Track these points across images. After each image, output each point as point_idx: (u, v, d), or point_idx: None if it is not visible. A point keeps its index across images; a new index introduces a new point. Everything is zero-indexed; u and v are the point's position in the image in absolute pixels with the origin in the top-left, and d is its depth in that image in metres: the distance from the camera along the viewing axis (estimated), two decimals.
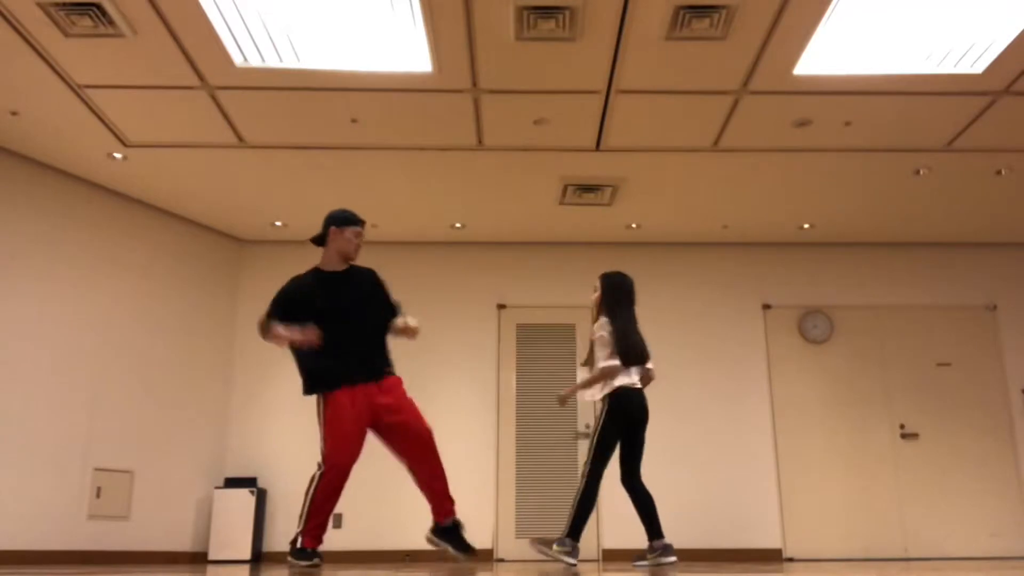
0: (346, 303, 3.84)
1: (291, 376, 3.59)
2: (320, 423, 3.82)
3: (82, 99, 5.10)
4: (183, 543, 6.55)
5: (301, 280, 3.92)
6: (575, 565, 4.06)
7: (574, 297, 7.38)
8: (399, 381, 3.87)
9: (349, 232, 3.94)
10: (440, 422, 7.03)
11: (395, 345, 3.99)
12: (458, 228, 7.16)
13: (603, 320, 4.38)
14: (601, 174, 6.11)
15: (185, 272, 6.92)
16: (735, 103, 5.14)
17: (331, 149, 5.74)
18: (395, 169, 6.03)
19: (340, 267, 3.96)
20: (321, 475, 3.74)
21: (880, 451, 7.01)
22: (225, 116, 5.29)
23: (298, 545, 3.69)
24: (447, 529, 3.87)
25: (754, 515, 6.88)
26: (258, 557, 6.59)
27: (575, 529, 4.15)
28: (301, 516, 3.72)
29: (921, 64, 4.72)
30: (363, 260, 4.05)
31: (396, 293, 4.01)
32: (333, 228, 3.94)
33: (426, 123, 5.37)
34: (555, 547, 4.15)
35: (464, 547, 3.83)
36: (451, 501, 3.89)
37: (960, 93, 5.01)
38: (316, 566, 3.63)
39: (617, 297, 4.42)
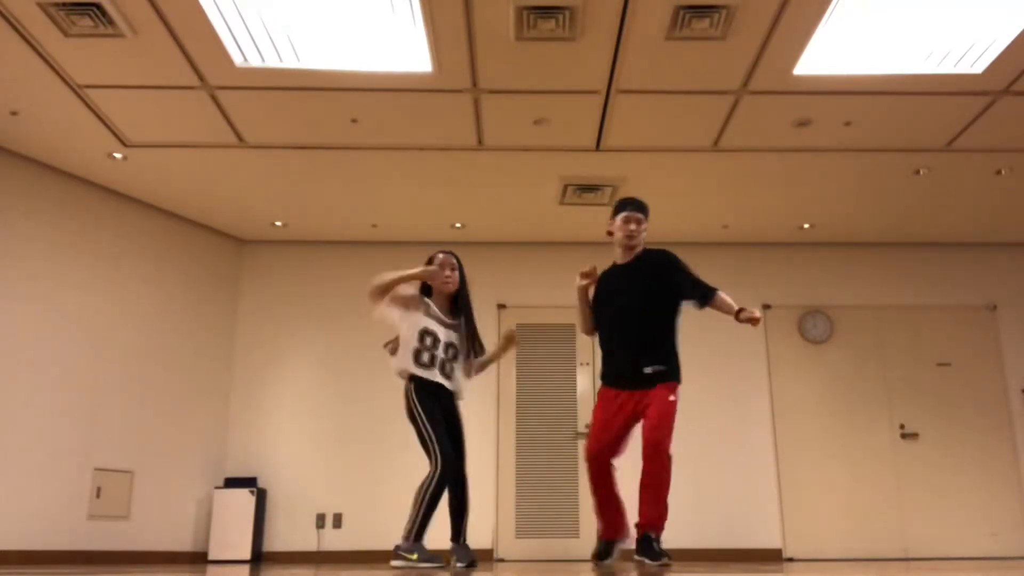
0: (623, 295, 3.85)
1: (291, 376, 3.57)
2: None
3: (82, 99, 5.10)
4: (183, 543, 6.55)
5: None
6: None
7: (574, 297, 7.36)
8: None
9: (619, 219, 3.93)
10: None
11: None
12: (458, 228, 7.16)
13: None
14: (601, 174, 6.11)
15: (185, 272, 6.92)
16: (735, 103, 5.14)
17: (331, 149, 5.74)
18: (395, 169, 6.03)
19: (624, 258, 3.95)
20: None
21: (880, 451, 7.00)
22: (225, 116, 5.29)
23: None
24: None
25: (754, 515, 6.88)
26: (258, 557, 6.59)
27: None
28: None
29: (921, 64, 4.72)
30: (364, 259, 4.04)
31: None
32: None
33: (426, 123, 5.37)
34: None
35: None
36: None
37: (960, 93, 5.01)
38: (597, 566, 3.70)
39: None
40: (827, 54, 4.63)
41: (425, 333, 3.74)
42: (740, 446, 7.05)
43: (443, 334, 3.79)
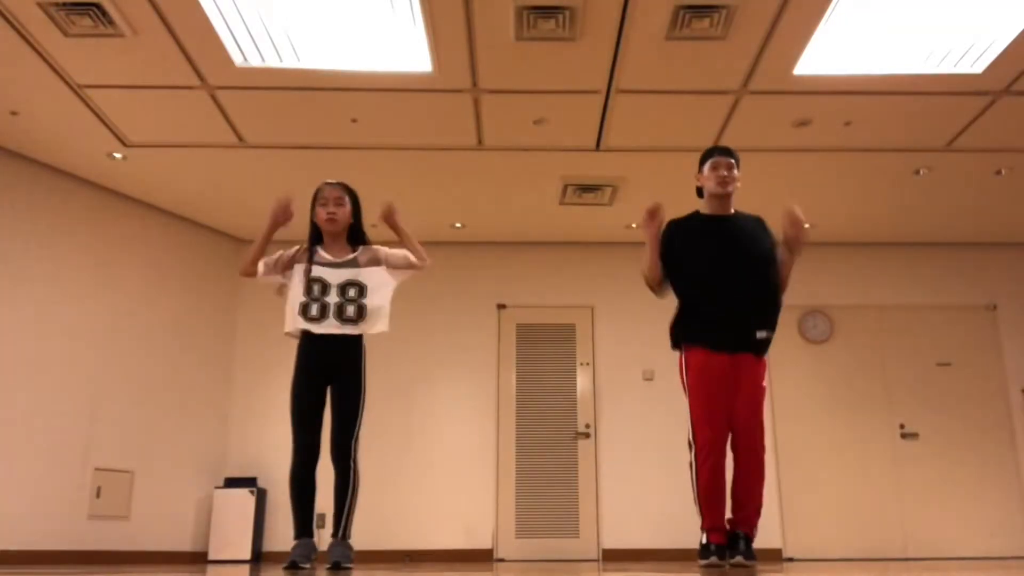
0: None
1: (291, 376, 3.55)
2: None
3: (82, 99, 5.09)
4: (183, 543, 6.55)
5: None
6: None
7: (574, 297, 7.38)
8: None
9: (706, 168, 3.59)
10: (440, 422, 7.05)
11: (394, 343, 3.88)
12: (458, 228, 7.16)
13: None
14: (601, 174, 6.11)
15: (185, 272, 6.91)
16: (735, 103, 5.14)
17: (331, 149, 5.74)
18: (395, 169, 6.03)
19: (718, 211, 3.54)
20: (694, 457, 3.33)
21: (880, 451, 7.00)
22: (225, 116, 5.29)
23: (702, 541, 3.38)
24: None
25: None
26: (258, 557, 6.59)
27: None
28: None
29: (921, 64, 4.72)
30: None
31: (396, 293, 3.83)
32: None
33: (426, 123, 5.37)
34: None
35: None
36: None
37: (960, 93, 5.01)
38: (713, 565, 3.27)
39: None
40: (827, 54, 4.63)
41: (312, 282, 3.32)
42: None
43: (336, 275, 3.34)
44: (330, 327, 3.30)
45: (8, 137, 5.57)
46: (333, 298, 3.33)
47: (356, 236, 3.55)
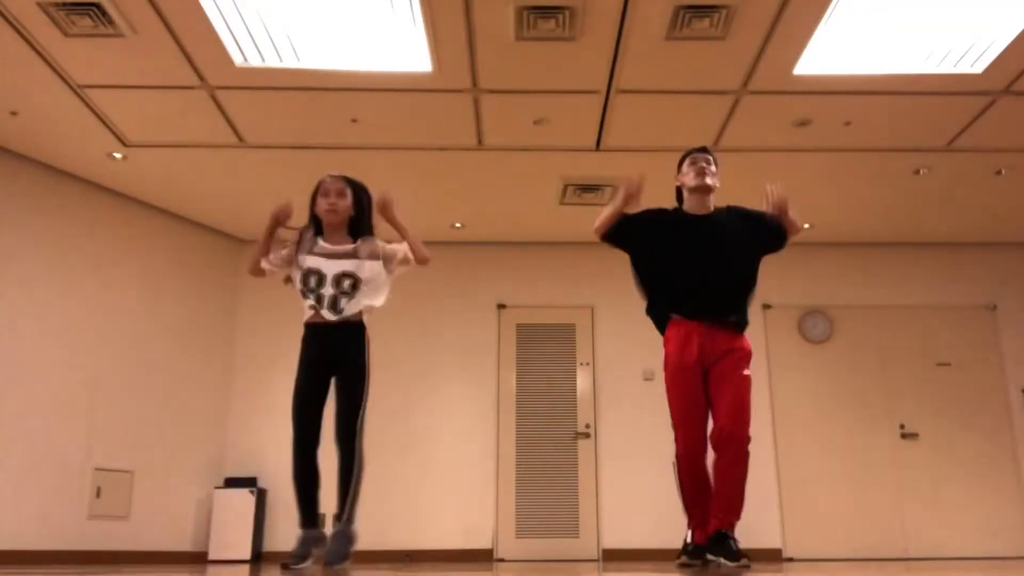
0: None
1: (291, 375, 3.55)
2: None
3: (82, 99, 5.10)
4: (183, 543, 6.55)
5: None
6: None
7: (574, 297, 7.38)
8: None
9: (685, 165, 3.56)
10: (440, 422, 7.05)
11: (394, 343, 3.88)
12: (458, 228, 7.16)
13: None
14: (601, 174, 6.11)
15: (185, 272, 6.91)
16: (735, 103, 5.14)
17: (331, 149, 5.74)
18: (395, 169, 6.02)
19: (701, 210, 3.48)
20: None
21: (880, 451, 7.00)
22: (225, 116, 5.29)
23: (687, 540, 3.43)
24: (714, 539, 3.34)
25: (754, 515, 6.84)
26: (258, 557, 6.59)
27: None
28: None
29: (921, 64, 4.72)
30: None
31: (396, 293, 3.84)
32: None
33: (426, 123, 5.37)
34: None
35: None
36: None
37: (960, 93, 5.01)
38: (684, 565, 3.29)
39: None
40: (827, 54, 4.63)
41: (308, 273, 3.32)
42: None
43: (331, 266, 3.32)
44: (321, 316, 3.31)
45: (8, 137, 5.57)
46: (328, 290, 3.31)
47: (358, 228, 3.50)
